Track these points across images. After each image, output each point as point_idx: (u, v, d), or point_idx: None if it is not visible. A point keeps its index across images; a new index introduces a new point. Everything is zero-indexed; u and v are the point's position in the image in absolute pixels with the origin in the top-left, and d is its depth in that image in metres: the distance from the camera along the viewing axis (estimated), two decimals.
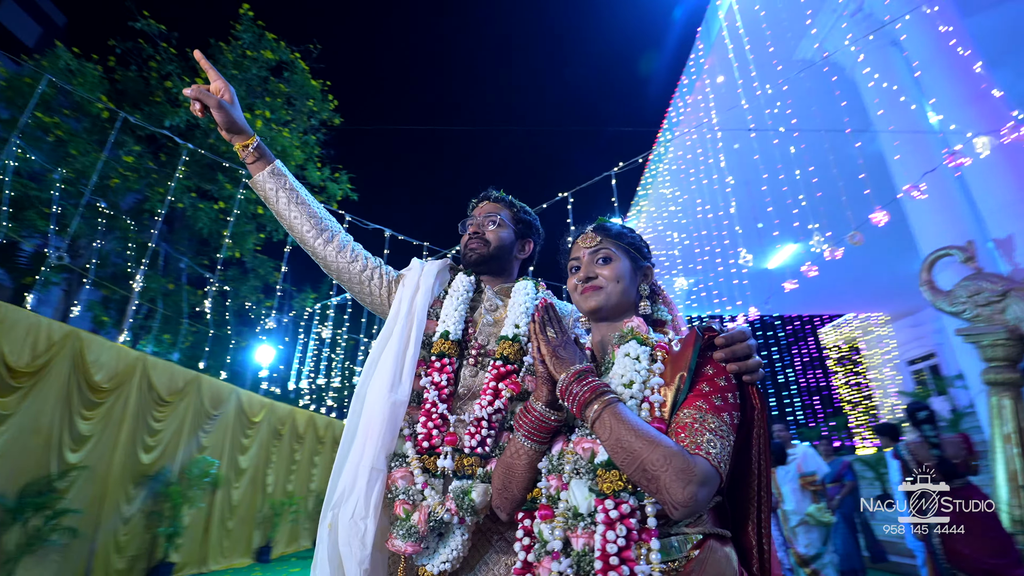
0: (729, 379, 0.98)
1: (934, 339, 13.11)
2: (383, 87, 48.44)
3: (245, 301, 8.70)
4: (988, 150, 3.60)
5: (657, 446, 0.84)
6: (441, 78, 48.28)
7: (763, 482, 0.98)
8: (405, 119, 49.84)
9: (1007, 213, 4.51)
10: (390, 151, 46.66)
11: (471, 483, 1.12)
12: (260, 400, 8.40)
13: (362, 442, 1.15)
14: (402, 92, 49.22)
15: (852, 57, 5.20)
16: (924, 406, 4.46)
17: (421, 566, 1.08)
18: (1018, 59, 5.21)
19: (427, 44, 46.87)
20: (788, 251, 9.83)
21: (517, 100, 47.07)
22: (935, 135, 4.20)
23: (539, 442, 1.03)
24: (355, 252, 1.43)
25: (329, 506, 1.11)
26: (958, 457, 4.06)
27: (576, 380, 0.96)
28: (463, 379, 1.29)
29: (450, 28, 44.39)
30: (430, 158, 50.47)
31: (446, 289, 1.43)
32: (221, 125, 1.30)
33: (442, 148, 54.07)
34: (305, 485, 9.77)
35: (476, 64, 47.12)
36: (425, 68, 47.50)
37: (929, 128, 4.43)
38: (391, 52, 46.71)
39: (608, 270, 1.15)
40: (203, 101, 1.25)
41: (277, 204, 1.38)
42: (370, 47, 44.48)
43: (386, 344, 1.30)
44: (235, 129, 1.32)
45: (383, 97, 48.03)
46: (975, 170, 4.37)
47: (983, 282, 4.62)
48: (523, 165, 48.87)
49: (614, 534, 0.85)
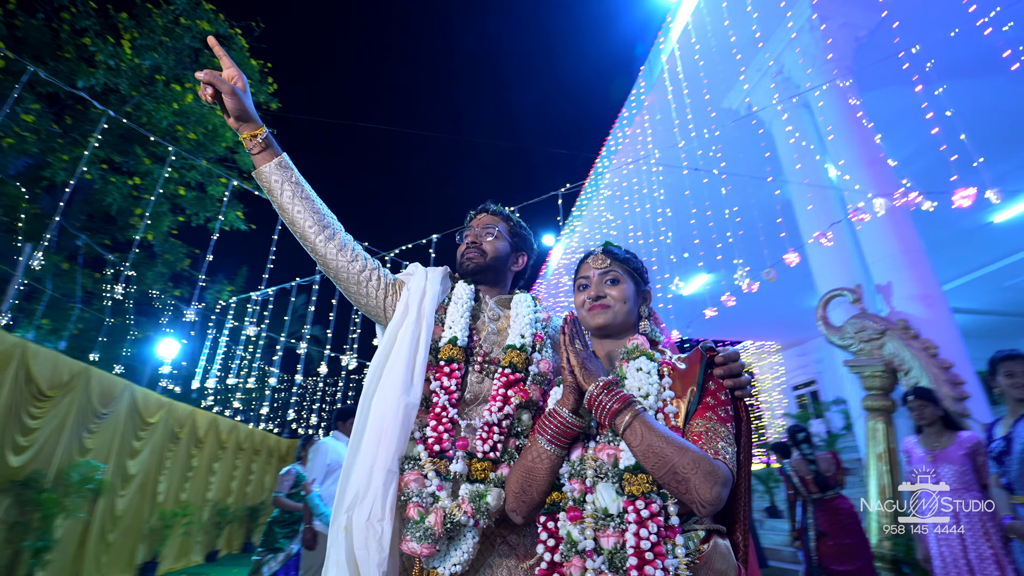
0: (727, 393, 1.11)
1: (816, 368, 14.81)
2: (327, 79, 46.34)
3: (150, 289, 7.83)
4: (884, 210, 4.24)
5: (686, 451, 0.94)
6: (390, 80, 47.20)
7: (746, 484, 1.12)
8: (347, 115, 47.85)
9: (888, 264, 5.28)
10: (329, 145, 44.79)
11: (486, 487, 1.15)
12: (158, 399, 7.60)
13: (375, 444, 1.14)
14: (347, 87, 47.44)
15: (775, 113, 5.88)
16: (802, 428, 5.08)
17: (433, 568, 1.09)
18: (905, 133, 6.17)
19: (379, 44, 45.70)
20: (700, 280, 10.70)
21: (463, 111, 47.11)
22: (840, 191, 4.86)
23: (561, 447, 1.09)
24: (355, 252, 1.41)
25: (342, 508, 1.08)
26: (830, 471, 4.62)
27: (605, 391, 1.03)
28: (469, 385, 1.32)
29: (405, 32, 43.66)
30: (370, 157, 48.91)
31: (449, 296, 1.44)
32: (232, 112, 1.25)
33: (383, 149, 52.64)
34: (201, 494, 8.93)
35: (426, 71, 46.64)
36: (374, 67, 46.19)
37: (835, 184, 5.11)
38: (341, 46, 44.95)
39: (616, 291, 1.26)
40: (216, 86, 1.21)
41: (281, 197, 1.33)
42: (320, 37, 42.50)
43: (393, 346, 1.29)
44: (245, 117, 1.27)
45: (326, 89, 46.03)
46: (865, 224, 5.10)
47: (867, 321, 5.36)
48: (463, 174, 48.90)
49: (647, 531, 0.92)
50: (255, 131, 1.28)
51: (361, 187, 48.55)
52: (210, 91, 1.21)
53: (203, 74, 1.20)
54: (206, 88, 1.21)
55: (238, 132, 1.30)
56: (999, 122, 6.41)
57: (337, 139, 51.65)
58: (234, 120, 1.26)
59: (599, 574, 0.95)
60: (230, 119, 1.27)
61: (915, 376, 4.91)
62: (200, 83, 1.23)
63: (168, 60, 6.16)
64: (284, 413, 13.90)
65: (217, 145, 6.65)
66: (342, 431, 4.29)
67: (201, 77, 1.20)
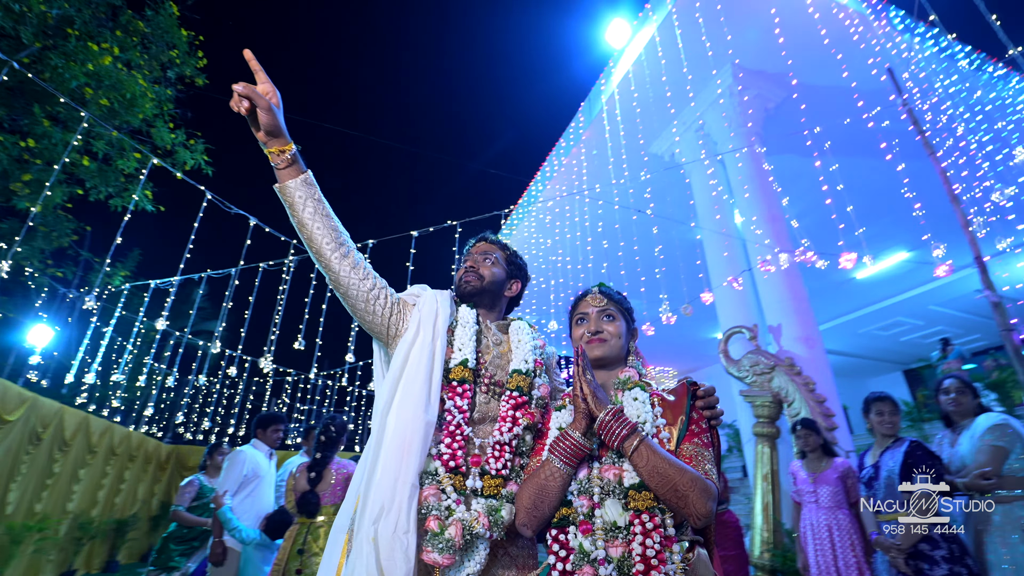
0: (707, 422, 1.31)
1: None
2: (268, 65, 43.11)
3: (25, 265, 6.71)
4: (787, 264, 4.92)
5: (685, 472, 1.11)
6: (332, 75, 45.03)
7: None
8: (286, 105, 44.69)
9: (779, 308, 6.07)
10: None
11: (499, 502, 1.23)
12: (19, 392, 6.56)
13: (397, 458, 1.18)
14: (289, 76, 44.53)
15: (699, 166, 6.57)
16: None
17: None
18: (804, 198, 7.16)
19: (326, 39, 43.49)
20: None
21: (405, 117, 46.06)
22: (749, 242, 5.55)
23: (571, 467, 1.21)
24: (366, 270, 1.43)
25: (368, 521, 1.11)
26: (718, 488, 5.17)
27: (614, 418, 1.18)
28: (478, 405, 1.40)
29: (354, 30, 42.04)
30: (308, 152, 46.22)
31: (456, 319, 1.52)
32: (264, 127, 1.25)
33: (321, 146, 50.00)
34: (61, 505, 7.78)
35: (370, 71, 45.11)
36: (318, 61, 43.84)
37: (742, 235, 5.82)
38: (288, 32, 42.08)
39: (612, 327, 1.44)
40: (254, 101, 1.21)
41: (302, 213, 1.33)
42: (265, 16, 39.45)
43: (407, 363, 1.34)
44: (276, 133, 1.27)
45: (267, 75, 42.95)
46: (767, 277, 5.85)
47: (760, 356, 6.09)
48: (401, 183, 47.70)
49: (651, 541, 1.07)
50: (284, 147, 1.29)
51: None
52: (246, 104, 1.21)
53: (241, 87, 1.20)
54: (242, 101, 1.21)
55: (265, 146, 1.30)
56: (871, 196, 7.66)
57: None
58: (264, 135, 1.26)
59: None
60: (259, 133, 1.27)
61: (797, 407, 5.67)
62: (236, 94, 1.21)
63: (83, 14, 5.48)
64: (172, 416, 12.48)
65: (133, 116, 5.99)
66: (263, 440, 4.05)
67: (239, 90, 1.20)
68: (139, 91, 5.70)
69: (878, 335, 14.54)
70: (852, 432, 6.48)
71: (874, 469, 2.96)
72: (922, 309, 12.85)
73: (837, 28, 5.86)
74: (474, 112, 45.48)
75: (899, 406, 3.14)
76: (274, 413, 4.22)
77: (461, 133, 45.67)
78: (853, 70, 5.81)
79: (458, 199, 42.99)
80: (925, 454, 2.73)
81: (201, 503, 4.27)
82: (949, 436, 2.99)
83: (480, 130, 46.19)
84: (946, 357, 10.15)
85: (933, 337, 13.65)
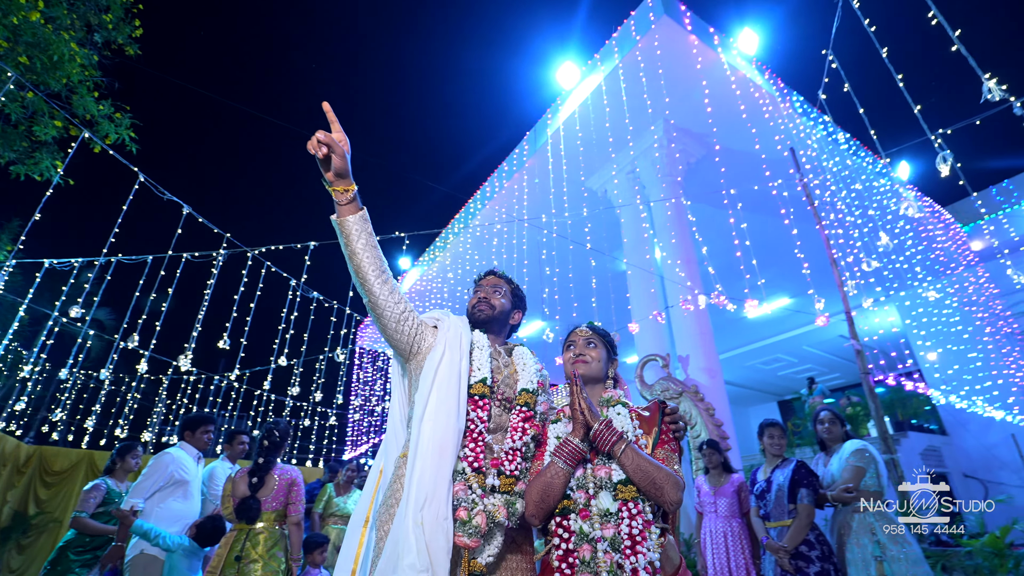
0: (672, 433, 1.65)
1: None
2: (213, 46, 39.42)
3: None
4: (704, 304, 5.62)
5: (660, 470, 1.43)
6: (280, 65, 42.19)
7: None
8: (229, 91, 41.06)
9: (688, 341, 6.83)
10: (204, 119, 37.94)
11: (513, 497, 1.48)
12: None
13: (437, 459, 1.39)
14: (233, 59, 40.87)
15: (634, 208, 7.25)
16: None
17: (474, 559, 1.37)
18: (718, 248, 8.12)
19: (277, 28, 40.71)
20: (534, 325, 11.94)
21: (354, 118, 44.30)
22: (671, 281, 6.25)
23: (571, 467, 1.49)
24: (400, 295, 1.63)
25: (414, 509, 1.30)
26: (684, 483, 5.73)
27: (606, 427, 1.49)
28: (493, 417, 1.63)
29: (308, 24, 39.86)
30: (247, 143, 42.55)
31: (472, 342, 1.74)
32: (336, 170, 1.43)
33: (263, 137, 46.22)
34: None
35: (319, 65, 42.94)
36: (276, 51, 40.89)
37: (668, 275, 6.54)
38: (243, 18, 38.78)
39: (593, 352, 1.77)
40: (332, 148, 1.40)
41: (356, 244, 1.51)
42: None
43: (435, 377, 1.55)
44: (344, 175, 1.46)
45: (209, 56, 39.20)
46: (677, 309, 6.58)
47: (670, 383, 6.80)
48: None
49: (635, 524, 1.38)
50: (348, 187, 1.48)
51: (222, 166, 41.72)
52: (324, 150, 1.39)
53: (323, 135, 1.39)
54: (321, 147, 1.38)
55: (331, 185, 1.48)
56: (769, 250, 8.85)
57: (209, 110, 43.86)
58: (333, 175, 1.45)
59: (605, 554, 1.37)
60: (329, 174, 1.45)
61: (698, 430, 6.38)
62: (317, 142, 1.39)
63: None
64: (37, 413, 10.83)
65: (55, 79, 5.45)
66: (191, 442, 3.87)
67: (320, 138, 1.39)
68: (67, 54, 5.21)
69: (760, 368, 16.44)
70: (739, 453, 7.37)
71: (767, 483, 3.53)
72: (797, 348, 14.79)
73: (752, 104, 6.85)
74: (419, 123, 45.18)
75: (786, 431, 3.79)
76: (203, 415, 4.04)
77: (405, 143, 45.10)
78: (763, 142, 6.83)
79: (400, 206, 42.22)
80: (807, 472, 3.35)
81: (107, 509, 3.93)
82: (823, 458, 3.66)
83: (423, 142, 45.92)
84: (812, 393, 11.84)
85: (804, 373, 15.76)
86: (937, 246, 9.63)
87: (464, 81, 42.04)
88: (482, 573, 1.36)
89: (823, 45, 4.96)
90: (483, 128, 42.42)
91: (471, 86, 41.80)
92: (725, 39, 6.97)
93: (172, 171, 33.40)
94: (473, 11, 38.73)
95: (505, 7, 38.13)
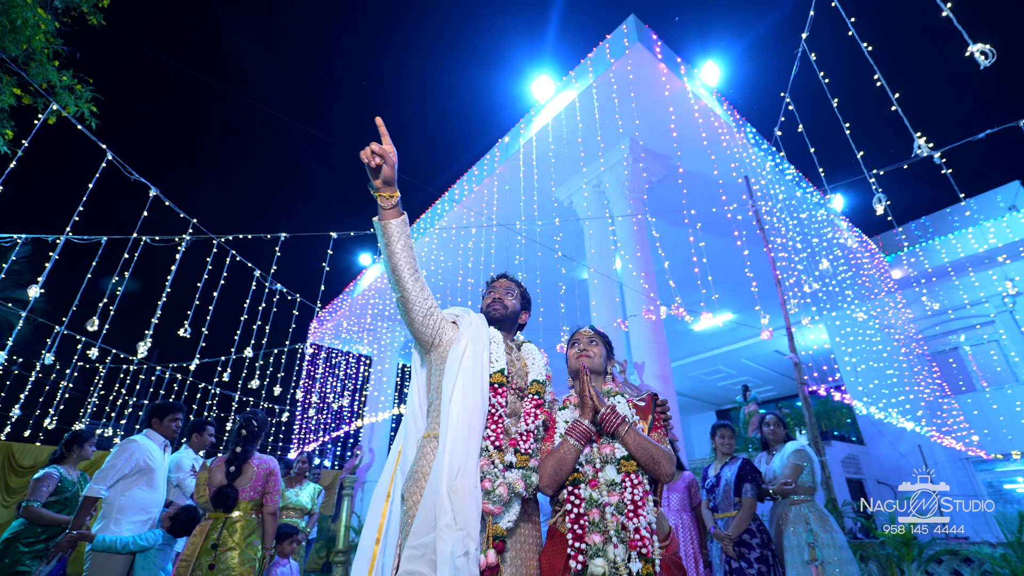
0: (663, 420, 1.91)
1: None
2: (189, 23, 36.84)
3: None
4: (665, 315, 6.02)
5: (657, 447, 1.68)
6: (256, 46, 40.19)
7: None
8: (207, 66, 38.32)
9: (644, 349, 7.24)
10: (174, 98, 35.42)
11: (529, 472, 1.67)
12: None
13: (467, 436, 1.57)
14: (207, 38, 38.45)
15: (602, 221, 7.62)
16: None
17: (496, 524, 1.55)
18: (679, 264, 8.63)
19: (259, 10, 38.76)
20: None
21: (331, 116, 42.84)
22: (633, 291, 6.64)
23: (581, 444, 1.72)
24: (428, 291, 1.81)
25: (447, 478, 1.46)
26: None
27: (612, 412, 1.73)
28: (509, 403, 1.82)
29: (307, 24, 38.35)
30: (226, 129, 40.10)
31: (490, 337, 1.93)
32: (384, 179, 1.61)
33: (237, 122, 43.70)
34: None
35: (293, 46, 41.31)
36: (253, 30, 38.86)
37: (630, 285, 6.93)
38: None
39: (595, 349, 2.02)
40: (385, 159, 1.58)
41: (395, 245, 1.68)
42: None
43: (460, 367, 1.72)
44: (391, 183, 1.65)
45: (182, 32, 36.73)
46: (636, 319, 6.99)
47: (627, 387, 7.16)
48: (313, 172, 44.16)
49: (636, 492, 1.62)
50: (394, 193, 1.67)
51: (188, 144, 39.18)
52: (378, 160, 1.55)
53: (377, 146, 1.56)
54: (375, 157, 1.55)
55: (378, 191, 1.65)
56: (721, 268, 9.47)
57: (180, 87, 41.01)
58: (381, 183, 1.61)
59: (612, 516, 1.59)
60: (377, 181, 1.61)
61: None
62: (371, 152, 1.55)
63: None
64: None
65: (13, 44, 5.13)
66: (158, 430, 3.80)
67: (376, 149, 1.56)
68: (31, 19, 4.93)
69: (702, 379, 17.39)
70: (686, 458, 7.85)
71: (716, 479, 3.90)
72: (736, 361, 15.77)
73: (712, 132, 7.40)
74: (396, 113, 44.54)
75: (735, 432, 4.18)
76: (171, 403, 3.96)
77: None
78: (720, 168, 7.39)
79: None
80: (752, 469, 3.73)
81: (60, 498, 3.77)
82: (766, 456, 4.08)
83: (400, 149, 45.39)
84: (747, 400, 12.70)
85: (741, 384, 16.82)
86: (864, 273, 10.66)
87: (441, 91, 42.05)
88: (503, 536, 1.55)
89: (776, 82, 5.51)
90: (459, 137, 42.59)
91: (448, 96, 41.90)
92: (691, 69, 7.50)
93: (133, 149, 31.30)
94: (452, 24, 38.85)
95: (484, 22, 38.54)
